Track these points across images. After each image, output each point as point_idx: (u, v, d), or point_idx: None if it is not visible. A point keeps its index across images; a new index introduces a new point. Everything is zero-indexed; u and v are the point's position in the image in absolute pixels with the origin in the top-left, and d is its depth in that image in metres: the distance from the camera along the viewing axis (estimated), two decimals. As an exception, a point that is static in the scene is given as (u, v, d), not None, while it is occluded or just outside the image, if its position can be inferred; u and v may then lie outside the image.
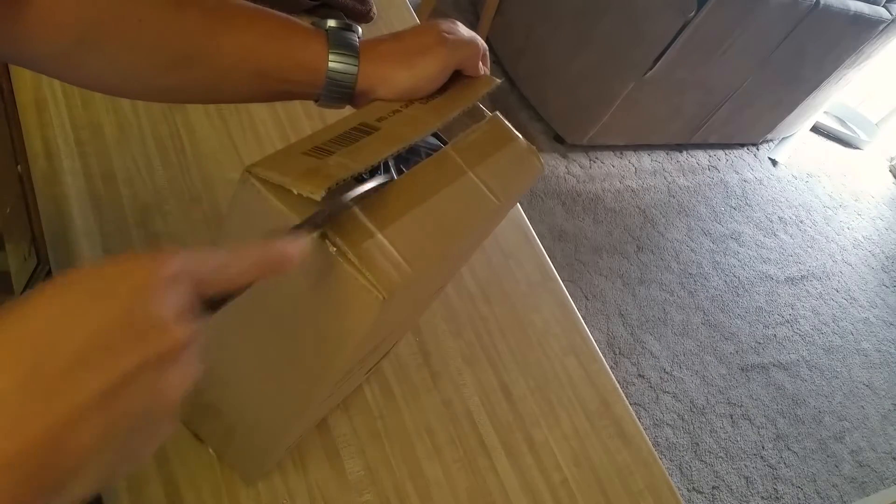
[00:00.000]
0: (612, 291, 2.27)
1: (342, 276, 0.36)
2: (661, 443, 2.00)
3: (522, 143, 0.51)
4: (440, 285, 0.57)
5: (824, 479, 2.17)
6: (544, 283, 0.89)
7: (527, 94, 2.58)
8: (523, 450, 0.74)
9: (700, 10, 2.09)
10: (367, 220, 0.38)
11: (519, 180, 0.49)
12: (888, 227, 3.36)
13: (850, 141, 3.71)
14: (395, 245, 0.38)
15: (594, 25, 2.30)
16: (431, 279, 0.47)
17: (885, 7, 2.65)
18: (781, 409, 2.29)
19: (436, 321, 0.78)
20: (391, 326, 0.49)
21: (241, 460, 0.58)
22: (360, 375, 0.62)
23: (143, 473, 0.56)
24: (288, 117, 0.85)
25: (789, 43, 2.47)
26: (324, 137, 0.41)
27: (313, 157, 0.38)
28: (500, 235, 0.90)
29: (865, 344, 2.69)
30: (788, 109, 3.00)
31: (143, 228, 0.68)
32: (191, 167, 0.75)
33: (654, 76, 2.27)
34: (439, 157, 0.45)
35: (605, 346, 2.12)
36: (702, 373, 2.23)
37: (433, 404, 0.72)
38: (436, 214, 0.42)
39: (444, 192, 0.43)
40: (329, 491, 0.62)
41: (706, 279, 2.52)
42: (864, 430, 2.38)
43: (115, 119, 0.74)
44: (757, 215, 2.92)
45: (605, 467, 0.77)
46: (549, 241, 2.27)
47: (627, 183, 2.63)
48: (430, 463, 0.68)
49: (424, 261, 0.39)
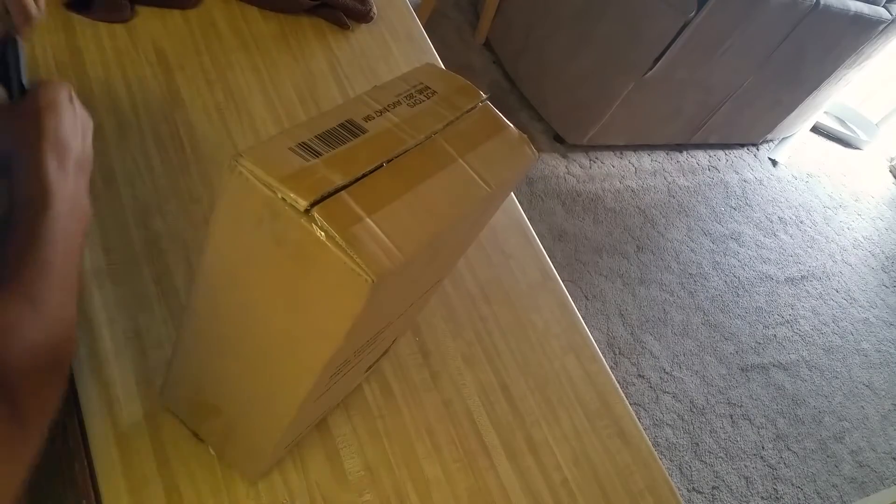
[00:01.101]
0: (612, 291, 2.27)
1: (331, 261, 0.36)
2: (661, 443, 2.00)
3: (514, 131, 0.51)
4: (436, 278, 0.57)
5: (824, 479, 2.17)
6: (544, 283, 0.89)
7: (527, 94, 2.58)
8: (523, 450, 0.74)
9: (700, 10, 2.09)
10: (356, 205, 0.38)
11: (511, 169, 0.49)
12: (888, 227, 3.36)
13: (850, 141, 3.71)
14: (383, 229, 0.38)
15: (594, 25, 2.30)
16: (425, 268, 0.47)
17: (885, 7, 2.65)
18: (781, 409, 2.29)
19: (436, 321, 0.78)
20: (386, 317, 0.49)
21: (241, 458, 0.58)
22: (359, 373, 0.62)
23: (143, 473, 0.56)
24: (288, 117, 0.85)
25: (789, 43, 2.47)
26: (310, 132, 0.41)
27: (299, 156, 0.39)
28: (500, 235, 0.90)
29: (865, 344, 2.69)
30: (788, 109, 3.00)
31: (143, 228, 0.68)
32: (191, 167, 0.75)
33: (654, 76, 2.27)
34: (429, 144, 0.45)
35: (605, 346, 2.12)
36: (702, 373, 2.23)
37: (433, 404, 0.72)
38: (425, 200, 0.42)
39: (433, 179, 0.43)
40: (329, 491, 0.62)
41: (706, 279, 2.52)
42: (864, 431, 2.38)
43: (115, 119, 0.74)
44: (757, 215, 2.92)
45: (605, 467, 0.77)
46: (549, 241, 2.27)
47: (627, 183, 2.63)
48: (430, 463, 0.68)
49: (414, 246, 0.39)
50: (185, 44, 0.85)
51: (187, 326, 0.51)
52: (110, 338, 0.61)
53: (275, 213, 0.37)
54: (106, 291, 0.63)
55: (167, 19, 0.86)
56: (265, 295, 0.43)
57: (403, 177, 0.42)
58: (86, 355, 0.59)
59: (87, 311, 0.61)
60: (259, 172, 0.37)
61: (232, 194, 0.39)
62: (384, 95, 0.47)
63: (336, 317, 0.40)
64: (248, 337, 0.47)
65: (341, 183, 0.38)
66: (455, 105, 0.49)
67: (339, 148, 0.41)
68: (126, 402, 0.58)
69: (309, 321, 0.42)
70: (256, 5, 0.94)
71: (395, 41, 1.03)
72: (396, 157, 0.43)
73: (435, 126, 0.46)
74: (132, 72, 0.79)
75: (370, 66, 0.97)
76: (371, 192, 0.39)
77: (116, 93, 0.76)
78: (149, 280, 0.65)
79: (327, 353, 0.42)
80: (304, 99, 0.88)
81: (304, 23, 0.97)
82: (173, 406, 0.59)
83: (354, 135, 0.42)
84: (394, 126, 0.45)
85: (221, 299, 0.46)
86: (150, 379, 0.60)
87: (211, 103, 0.81)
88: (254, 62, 0.88)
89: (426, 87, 0.49)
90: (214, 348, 0.50)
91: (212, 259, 0.45)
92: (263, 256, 0.40)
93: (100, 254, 0.65)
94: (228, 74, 0.85)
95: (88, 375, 0.58)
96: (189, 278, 0.67)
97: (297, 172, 0.38)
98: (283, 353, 0.45)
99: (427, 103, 0.48)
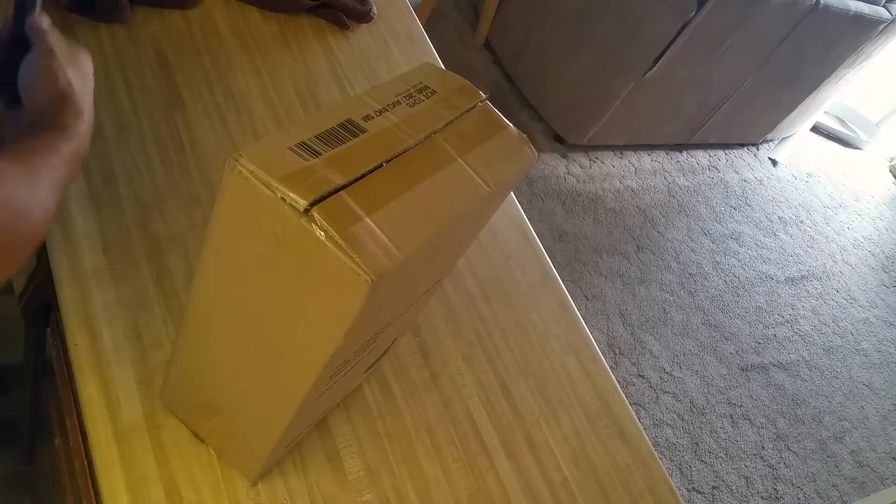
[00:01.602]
0: (612, 291, 2.27)
1: (330, 260, 0.36)
2: (661, 443, 2.00)
3: (513, 131, 0.51)
4: (436, 277, 0.57)
5: (824, 479, 2.18)
6: (544, 283, 0.89)
7: (527, 94, 2.58)
8: (523, 450, 0.74)
9: (700, 10, 2.09)
10: (355, 205, 0.38)
11: (510, 168, 0.49)
12: (888, 227, 3.36)
13: (850, 141, 3.71)
14: (383, 229, 0.38)
15: (594, 25, 2.30)
16: (424, 268, 0.47)
17: (885, 7, 2.65)
18: (781, 409, 2.29)
19: (436, 321, 0.78)
20: (386, 316, 0.49)
21: (241, 459, 0.58)
22: (359, 373, 0.62)
23: (142, 473, 0.56)
24: (288, 117, 0.85)
25: (789, 43, 2.47)
26: (310, 132, 0.41)
27: (299, 155, 0.39)
28: (500, 235, 0.90)
29: (865, 344, 2.69)
30: (788, 109, 3.00)
31: (143, 228, 0.68)
32: (191, 167, 0.75)
33: (654, 76, 2.27)
34: (429, 144, 0.45)
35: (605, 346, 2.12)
36: (702, 373, 2.23)
37: (433, 404, 0.72)
38: (425, 200, 0.42)
39: (433, 179, 0.43)
40: (329, 491, 0.62)
41: (706, 279, 2.52)
42: (864, 430, 2.38)
43: (115, 119, 0.74)
44: (757, 215, 2.92)
45: (605, 467, 0.77)
46: (549, 241, 2.27)
47: (627, 183, 2.63)
48: (430, 463, 0.68)
49: (414, 245, 0.39)
50: (185, 44, 0.85)
51: (187, 326, 0.51)
52: (110, 338, 0.61)
53: (274, 213, 0.37)
54: (106, 291, 0.63)
55: (167, 19, 0.86)
56: (265, 295, 0.43)
57: (403, 176, 0.42)
58: (86, 355, 0.59)
59: (87, 311, 0.61)
60: (258, 172, 0.37)
61: (231, 194, 0.39)
62: (384, 95, 0.47)
63: (335, 316, 0.40)
64: (247, 337, 0.47)
65: (341, 183, 0.39)
66: (454, 105, 0.49)
67: (338, 148, 0.41)
68: (126, 402, 0.58)
69: (308, 321, 0.42)
70: (256, 5, 0.94)
71: (395, 41, 1.03)
72: (396, 156, 0.43)
73: (434, 126, 0.46)
74: (132, 72, 0.79)
75: (370, 66, 0.97)
76: (370, 191, 0.39)
77: (116, 93, 0.76)
78: (149, 280, 0.65)
79: (327, 352, 0.42)
80: (304, 99, 0.88)
81: (304, 23, 0.97)
82: (173, 406, 0.59)
83: (354, 134, 0.42)
84: (393, 126, 0.45)
85: (221, 299, 0.46)
86: (150, 379, 0.60)
87: (211, 104, 0.81)
88: (254, 62, 0.88)
89: (426, 87, 0.50)
90: (214, 348, 0.50)
91: (212, 259, 0.45)
92: (263, 256, 0.40)
93: (100, 254, 0.65)
94: (228, 75, 0.85)
95: (88, 375, 0.58)
96: (189, 278, 0.67)
97: (296, 172, 0.38)
98: (282, 352, 0.45)
99: (426, 103, 0.48)
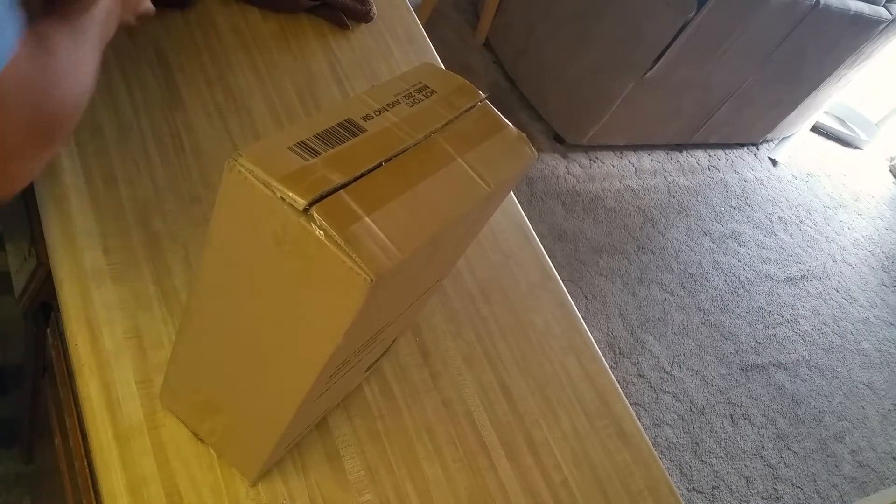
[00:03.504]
0: (612, 291, 2.27)
1: (330, 260, 0.36)
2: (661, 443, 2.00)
3: (513, 130, 0.51)
4: (436, 277, 0.57)
5: (824, 479, 2.18)
6: (544, 283, 0.89)
7: (527, 94, 2.58)
8: (523, 450, 0.74)
9: (700, 10, 2.09)
10: (355, 204, 0.38)
11: (510, 168, 0.49)
12: (888, 227, 3.36)
13: (850, 141, 3.71)
14: (382, 228, 0.38)
15: (594, 25, 2.30)
16: (424, 268, 0.47)
17: (885, 7, 2.65)
18: (781, 409, 2.29)
19: (436, 321, 0.78)
20: (386, 316, 0.49)
21: (241, 459, 0.58)
22: (359, 373, 0.62)
23: (142, 473, 0.56)
24: (288, 117, 0.85)
25: (789, 43, 2.47)
26: (309, 131, 0.41)
27: (298, 155, 0.39)
28: (500, 235, 0.90)
29: (865, 344, 2.69)
30: (788, 109, 3.00)
31: (143, 228, 0.68)
32: (191, 167, 0.75)
33: (654, 76, 2.27)
34: (428, 143, 0.45)
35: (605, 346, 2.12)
36: (702, 373, 2.23)
37: (433, 404, 0.72)
38: (425, 199, 0.42)
39: (432, 178, 0.43)
40: (329, 491, 0.62)
41: (706, 279, 2.52)
42: (864, 430, 2.38)
43: (115, 119, 0.74)
44: (757, 215, 2.92)
45: (605, 467, 0.77)
46: (549, 241, 2.27)
47: (627, 183, 2.63)
48: (430, 463, 0.68)
49: (414, 245, 0.39)
50: (185, 44, 0.85)
51: (187, 326, 0.51)
52: (110, 338, 0.61)
53: (274, 213, 0.37)
54: (106, 291, 0.63)
55: (167, 19, 0.86)
56: (264, 294, 0.43)
57: (402, 176, 0.42)
58: (86, 355, 0.59)
59: (87, 311, 0.61)
60: (258, 172, 0.37)
61: (231, 194, 0.39)
62: (383, 95, 0.47)
63: (335, 316, 0.40)
64: (247, 336, 0.47)
65: (340, 182, 0.39)
66: (454, 104, 0.49)
67: (337, 147, 0.41)
68: (126, 402, 0.58)
69: (308, 320, 0.42)
70: (256, 5, 0.94)
71: (395, 41, 1.03)
72: (395, 156, 0.43)
73: (434, 125, 0.46)
74: (132, 72, 0.79)
75: (370, 66, 0.97)
76: (370, 191, 0.39)
77: (116, 92, 0.76)
78: (149, 280, 0.65)
79: (327, 352, 0.42)
80: (304, 99, 0.88)
81: (304, 23, 0.97)
82: (173, 406, 0.59)
83: (353, 134, 0.42)
84: (393, 125, 0.45)
85: (221, 299, 0.46)
86: (150, 379, 0.60)
87: (211, 103, 0.81)
88: (254, 62, 0.88)
89: (425, 87, 0.50)
90: (214, 348, 0.50)
91: (211, 259, 0.45)
92: (263, 256, 0.40)
93: (100, 254, 0.65)
94: (228, 74, 0.85)
95: (88, 375, 0.58)
96: (189, 278, 0.67)
97: (295, 171, 0.38)
98: (282, 352, 0.45)
99: (426, 102, 0.48)
